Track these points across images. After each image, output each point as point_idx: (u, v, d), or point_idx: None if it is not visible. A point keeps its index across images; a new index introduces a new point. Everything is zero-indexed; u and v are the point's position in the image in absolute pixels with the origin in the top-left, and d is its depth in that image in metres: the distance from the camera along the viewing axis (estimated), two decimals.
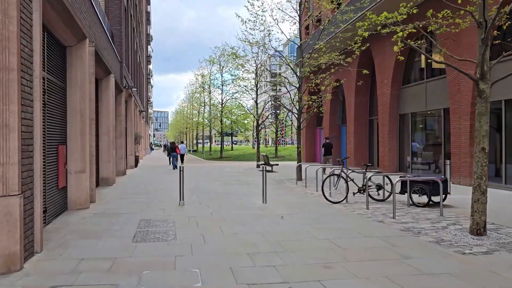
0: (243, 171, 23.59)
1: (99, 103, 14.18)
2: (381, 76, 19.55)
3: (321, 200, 11.08)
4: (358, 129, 22.90)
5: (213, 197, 11.72)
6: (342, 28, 17.28)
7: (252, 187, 14.40)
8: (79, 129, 9.31)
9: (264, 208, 9.84)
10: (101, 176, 14.23)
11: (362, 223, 7.92)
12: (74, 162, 9.26)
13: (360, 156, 22.88)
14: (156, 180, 17.21)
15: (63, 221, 8.12)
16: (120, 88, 18.68)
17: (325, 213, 9.06)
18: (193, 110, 66.58)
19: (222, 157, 46.07)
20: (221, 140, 50.24)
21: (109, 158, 14.25)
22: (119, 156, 18.92)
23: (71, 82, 9.26)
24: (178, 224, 7.83)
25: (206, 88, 52.18)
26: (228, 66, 45.49)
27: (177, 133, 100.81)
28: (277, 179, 17.79)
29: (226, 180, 17.09)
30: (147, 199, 11.34)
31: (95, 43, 10.57)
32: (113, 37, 18.66)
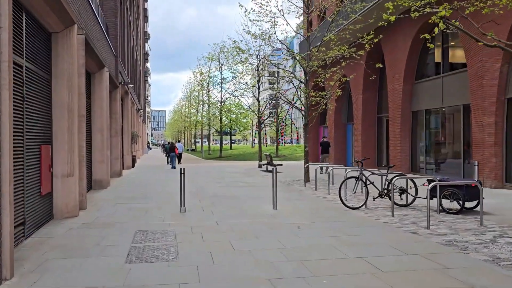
0: (245, 171, 22.48)
1: (91, 99, 13.04)
2: (392, 70, 18.46)
3: (337, 206, 9.99)
4: (366, 127, 21.80)
5: (217, 202, 10.61)
6: (352, 19, 16.17)
7: (258, 190, 13.29)
8: (67, 126, 8.18)
9: (276, 215, 8.74)
10: (94, 179, 13.09)
11: (394, 235, 6.82)
12: (61, 164, 8.13)
13: (369, 156, 21.78)
14: (154, 182, 16.09)
15: (46, 233, 6.99)
16: (115, 83, 17.53)
17: (347, 222, 7.96)
18: (191, 109, 65.47)
19: (221, 156, 44.95)
20: (220, 139, 49.16)
21: (102, 159, 13.12)
22: (114, 156, 17.77)
23: (57, 73, 8.13)
24: (180, 236, 6.71)
25: (205, 86, 51.09)
26: (227, 63, 44.47)
27: (175, 132, 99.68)
28: (282, 181, 16.69)
29: (229, 182, 15.98)
30: (144, 204, 10.21)
31: (85, 31, 9.43)
32: (108, 29, 17.51)
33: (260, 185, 14.98)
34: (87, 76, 12.70)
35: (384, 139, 21.06)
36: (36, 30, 7.35)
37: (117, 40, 18.69)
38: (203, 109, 54.93)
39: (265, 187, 14.36)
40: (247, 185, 15.00)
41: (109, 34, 17.49)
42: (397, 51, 18.02)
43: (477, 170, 11.11)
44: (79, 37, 8.97)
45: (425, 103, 17.17)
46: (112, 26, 18.22)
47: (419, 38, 16.99)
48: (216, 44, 44.39)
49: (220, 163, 35.02)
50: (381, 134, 21.60)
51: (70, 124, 8.25)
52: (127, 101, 24.90)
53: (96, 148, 13.03)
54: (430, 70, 17.23)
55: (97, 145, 13.03)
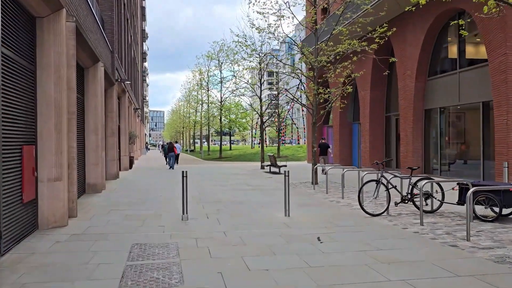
0: (248, 173, 21.53)
1: (84, 96, 12.07)
2: (403, 67, 17.53)
3: (355, 212, 9.05)
4: (374, 127, 20.87)
5: (223, 208, 9.65)
6: (363, 11, 15.23)
7: (265, 194, 12.34)
8: (54, 124, 7.21)
9: (290, 223, 7.79)
10: (88, 182, 12.11)
11: (433, 250, 5.87)
12: (47, 167, 7.16)
13: (376, 157, 20.84)
14: (153, 184, 15.11)
15: (28, 247, 6.02)
16: (112, 80, 16.56)
17: (372, 232, 7.01)
18: (190, 109, 64.48)
19: (221, 157, 43.98)
20: (220, 139, 48.17)
21: (97, 161, 12.14)
22: (110, 157, 16.79)
23: (42, 64, 7.16)
24: (184, 252, 5.75)
25: (204, 86, 50.13)
26: (227, 61, 43.53)
27: (174, 133, 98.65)
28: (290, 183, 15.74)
29: (233, 185, 15.01)
30: (142, 211, 9.24)
31: (76, 19, 8.47)
32: (104, 23, 16.54)
33: (266, 188, 14.03)
34: (80, 71, 11.74)
35: (394, 139, 20.13)
36: (16, 13, 6.39)
37: (113, 35, 17.73)
38: (202, 109, 54.01)
39: (271, 190, 13.41)
40: (252, 188, 14.04)
41: (105, 29, 16.52)
42: (409, 47, 17.10)
43: (507, 172, 10.17)
44: (69, 25, 8.00)
45: (439, 101, 16.25)
46: (108, 20, 17.25)
47: (432, 32, 16.11)
48: (216, 43, 43.42)
49: (220, 164, 34.06)
50: (389, 134, 20.67)
51: (58, 122, 7.28)
52: (125, 100, 23.93)
53: (90, 149, 12.05)
54: (445, 66, 16.30)
55: (91, 146, 12.05)
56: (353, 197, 11.53)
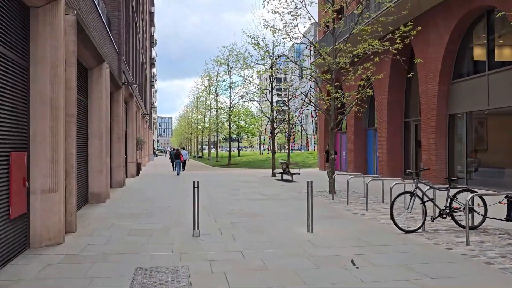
0: (259, 180, 20.60)
1: (88, 99, 11.26)
2: (425, 69, 16.55)
3: (385, 227, 8.09)
4: (391, 133, 19.86)
5: (237, 222, 8.73)
6: (384, 9, 14.34)
7: (281, 204, 11.41)
8: (49, 128, 6.37)
9: (315, 241, 6.85)
10: (91, 191, 11.27)
11: (494, 279, 4.90)
12: (41, 177, 6.31)
13: (394, 165, 19.83)
14: (160, 193, 14.24)
15: (13, 273, 5.14)
16: (118, 83, 15.78)
17: (413, 254, 6.05)
18: (198, 115, 63.81)
19: (230, 163, 43.10)
20: (229, 145, 47.34)
21: (101, 168, 11.30)
22: (116, 164, 15.97)
23: (36, 59, 6.33)
24: (197, 279, 4.84)
25: (213, 91, 49.42)
26: (236, 67, 42.80)
27: (182, 139, 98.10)
28: (303, 192, 14.80)
29: (245, 194, 14.09)
30: (148, 224, 8.35)
31: (77, 12, 7.66)
32: (110, 23, 15.82)
33: (281, 197, 13.10)
34: (83, 71, 10.95)
35: (413, 146, 19.10)
36: (7, 1, 5.57)
37: (120, 36, 17.00)
38: (210, 115, 53.28)
39: (287, 200, 12.48)
40: (266, 197, 13.11)
41: (111, 30, 15.79)
42: (431, 48, 16.13)
43: None
44: (69, 18, 7.19)
45: (465, 105, 15.22)
46: (115, 21, 16.54)
47: (457, 32, 15.14)
48: (225, 47, 42.55)
49: (229, 170, 33.17)
50: (408, 141, 19.64)
51: (54, 125, 6.44)
52: (132, 104, 23.20)
53: (93, 156, 11.22)
54: (471, 68, 15.29)
55: (94, 152, 11.22)
56: (378, 209, 10.57)
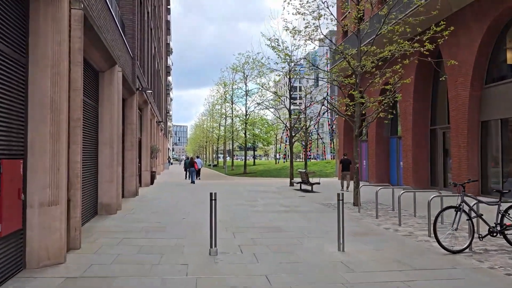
0: (277, 190, 19.72)
1: (99, 103, 10.61)
2: (455, 73, 15.56)
3: (425, 246, 7.16)
4: (417, 141, 18.83)
5: (259, 238, 7.89)
6: (413, 9, 13.45)
7: (304, 217, 10.52)
8: (50, 133, 5.66)
9: (350, 264, 5.95)
10: (100, 202, 10.56)
11: None
12: (39, 188, 5.59)
13: (420, 175, 18.77)
14: (174, 204, 13.49)
15: None
16: (132, 89, 15.17)
17: (469, 282, 5.12)
18: (213, 123, 63.35)
19: (246, 172, 42.28)
20: (245, 154, 46.59)
21: (112, 177, 10.60)
22: (129, 173, 15.31)
23: (36, 55, 5.65)
24: None
25: (228, 99, 48.83)
26: (252, 74, 42.17)
27: (197, 147, 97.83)
28: (325, 203, 13.90)
29: (264, 205, 13.24)
30: (160, 240, 7.58)
31: (84, 6, 7.00)
32: (124, 26, 15.27)
33: (303, 209, 12.21)
34: (94, 74, 10.32)
35: (440, 155, 18.03)
36: None
37: (135, 41, 16.44)
38: (225, 123, 52.71)
39: (310, 212, 11.59)
40: (287, 209, 12.24)
41: (125, 33, 15.25)
42: (462, 50, 15.15)
43: None
44: (75, 12, 6.52)
45: (500, 111, 14.17)
46: (129, 24, 15.99)
47: (491, 33, 14.17)
48: (241, 54, 42.06)
49: (245, 180, 32.35)
50: (435, 149, 18.58)
51: (56, 131, 5.73)
52: (147, 111, 22.64)
53: (103, 164, 10.53)
54: (506, 71, 14.27)
55: (104, 160, 10.53)
56: (411, 224, 9.62)
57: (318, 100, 22.79)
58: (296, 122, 25.54)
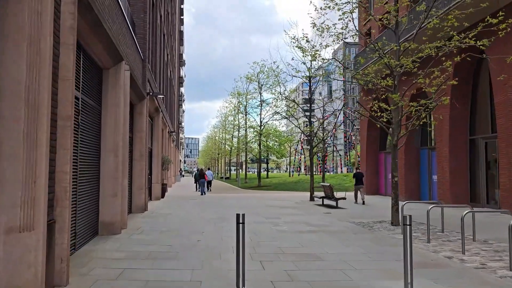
0: (298, 206, 18.05)
1: (102, 105, 9.17)
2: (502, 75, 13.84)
3: None
4: (454, 152, 17.06)
5: (294, 270, 6.25)
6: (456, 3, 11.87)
7: (340, 240, 8.86)
8: (23, 134, 4.18)
9: None
10: (102, 220, 9.03)
11: None
12: (7, 208, 4.08)
13: (459, 190, 16.95)
14: (187, 220, 11.93)
15: None
16: (142, 93, 13.76)
17: None
18: (226, 135, 62.04)
19: (260, 185, 40.60)
20: (259, 166, 44.86)
21: (115, 191, 9.09)
22: (137, 186, 13.83)
23: (5, 25, 4.19)
24: None
25: (242, 110, 47.48)
26: (268, 84, 40.81)
27: (208, 159, 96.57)
28: (356, 221, 12.22)
29: (289, 223, 11.60)
30: (171, 273, 5.99)
31: None
32: (134, 25, 13.98)
33: (333, 229, 10.54)
34: (97, 71, 8.90)
35: (482, 167, 16.22)
36: None
37: (146, 42, 15.10)
38: (239, 134, 51.30)
39: (343, 233, 9.92)
40: (316, 229, 10.58)
41: (136, 32, 13.95)
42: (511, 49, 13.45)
43: None
44: None
45: None
46: (140, 24, 14.68)
47: None
48: (256, 63, 40.69)
49: (261, 193, 30.67)
50: (476, 161, 16.78)
51: (32, 130, 4.24)
52: (158, 120, 21.27)
53: (106, 176, 9.03)
54: None
55: (107, 171, 9.03)
56: (476, 251, 7.90)
57: (337, 110, 21.08)
58: (317, 131, 23.89)
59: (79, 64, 7.38)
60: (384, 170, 25.13)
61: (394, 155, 11.98)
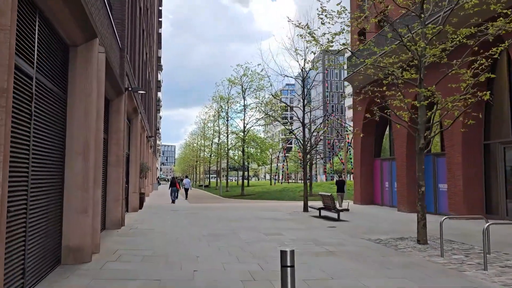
0: (294, 217, 16.13)
1: (68, 92, 7.03)
2: None
3: None
4: (468, 159, 15.48)
5: None
6: None
7: (367, 265, 6.95)
8: None
9: None
10: (66, 244, 6.83)
11: None
12: None
13: (474, 200, 15.37)
14: (174, 241, 9.80)
15: None
16: (119, 87, 11.62)
17: None
18: (205, 141, 59.71)
19: (243, 194, 38.45)
20: (243, 174, 42.74)
21: (85, 205, 6.92)
22: (113, 196, 11.62)
23: None
24: None
25: (223, 115, 45.36)
26: (252, 87, 38.90)
27: (186, 167, 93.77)
28: (373, 239, 10.35)
29: (295, 242, 9.60)
30: None
31: None
32: (112, 8, 11.86)
33: (351, 249, 8.63)
34: (62, 47, 6.77)
35: (501, 175, 14.69)
36: None
37: (124, 29, 12.98)
38: (219, 141, 49.11)
39: (366, 256, 8.04)
40: (333, 249, 8.64)
41: (113, 15, 11.82)
42: None
43: None
44: None
45: None
46: (117, 7, 12.56)
47: None
48: (240, 66, 38.73)
49: (247, 203, 28.55)
50: (492, 168, 15.26)
51: None
52: (136, 122, 19.04)
53: (72, 185, 6.86)
54: None
55: (74, 180, 6.87)
56: None
57: (318, 117, 19.34)
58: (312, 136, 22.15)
59: (32, 31, 5.28)
60: (380, 178, 23.54)
61: (420, 161, 10.24)
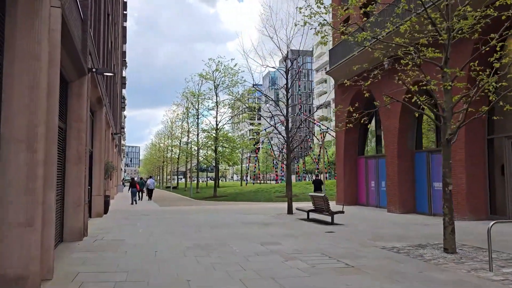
0: (281, 221, 14.37)
1: (4, 54, 4.92)
2: None
3: None
4: (472, 156, 14.20)
5: None
6: None
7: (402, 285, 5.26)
8: None
9: None
10: (3, 274, 4.73)
11: None
12: None
13: (477, 201, 14.11)
14: (153, 257, 7.78)
15: None
16: (81, 65, 9.43)
17: None
18: (173, 141, 57.13)
19: (216, 196, 36.34)
20: (215, 174, 40.59)
21: (29, 215, 4.80)
22: (73, 200, 9.41)
23: None
24: None
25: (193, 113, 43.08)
26: (225, 83, 36.91)
27: (152, 168, 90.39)
28: (388, 247, 8.72)
29: (304, 256, 7.81)
30: None
31: None
32: None
33: (375, 265, 6.93)
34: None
35: (509, 173, 13.48)
36: None
37: (87, 2, 10.78)
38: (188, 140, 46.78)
39: (404, 274, 6.36)
40: (352, 263, 6.91)
41: None
42: None
43: None
44: None
45: None
46: None
47: None
48: (212, 60, 36.55)
49: (222, 205, 26.50)
50: (496, 165, 14.06)
51: None
52: (101, 116, 16.72)
53: (12, 189, 4.75)
54: None
55: (15, 181, 4.76)
56: None
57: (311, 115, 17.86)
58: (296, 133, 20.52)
59: None
60: (365, 177, 22.19)
61: (447, 155, 8.70)
